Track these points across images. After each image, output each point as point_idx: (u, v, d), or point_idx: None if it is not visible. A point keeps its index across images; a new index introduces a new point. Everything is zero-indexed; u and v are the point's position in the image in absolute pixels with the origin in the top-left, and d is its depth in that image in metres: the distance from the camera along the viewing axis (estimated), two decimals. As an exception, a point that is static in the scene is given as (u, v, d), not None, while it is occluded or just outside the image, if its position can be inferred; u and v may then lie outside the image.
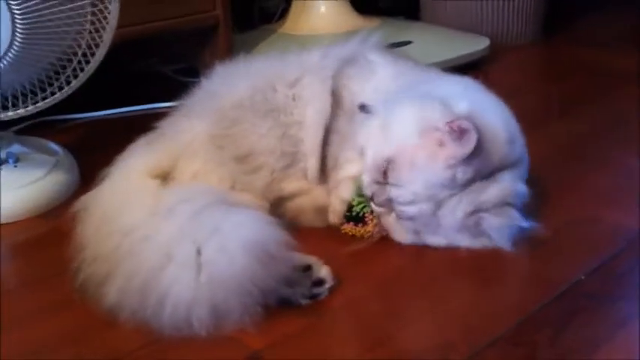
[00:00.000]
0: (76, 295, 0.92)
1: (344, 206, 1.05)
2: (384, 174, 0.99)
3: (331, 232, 1.06)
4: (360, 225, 1.04)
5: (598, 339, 0.80)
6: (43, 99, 1.14)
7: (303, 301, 0.90)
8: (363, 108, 1.06)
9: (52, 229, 1.14)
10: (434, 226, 0.98)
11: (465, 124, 0.93)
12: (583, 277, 0.91)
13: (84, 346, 0.86)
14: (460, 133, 0.94)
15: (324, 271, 0.93)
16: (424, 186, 0.96)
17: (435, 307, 0.90)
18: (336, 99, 1.11)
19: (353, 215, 1.04)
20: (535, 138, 1.08)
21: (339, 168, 1.08)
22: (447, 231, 0.99)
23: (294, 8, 2.03)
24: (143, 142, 1.13)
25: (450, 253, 0.99)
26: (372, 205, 1.02)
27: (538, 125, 1.42)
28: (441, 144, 0.95)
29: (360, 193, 1.03)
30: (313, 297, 0.91)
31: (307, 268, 0.92)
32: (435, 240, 1.00)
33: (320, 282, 0.92)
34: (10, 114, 1.13)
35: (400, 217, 1.00)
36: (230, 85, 1.13)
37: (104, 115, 1.65)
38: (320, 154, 1.09)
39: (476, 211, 0.97)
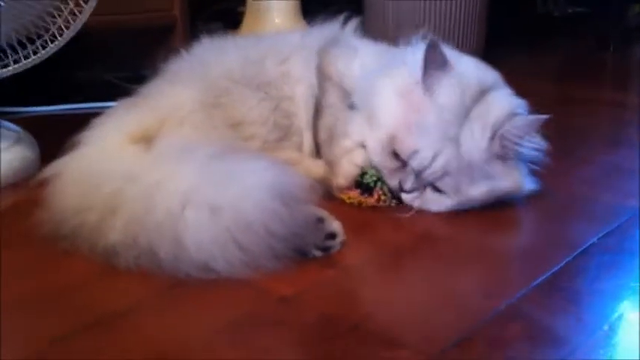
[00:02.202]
0: (59, 248, 0.85)
1: (358, 170, 1.04)
2: (395, 156, 1.00)
3: (326, 204, 1.03)
4: (366, 195, 1.03)
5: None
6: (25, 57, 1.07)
7: (316, 253, 0.87)
8: (351, 106, 1.08)
9: (23, 198, 1.05)
10: (468, 170, 0.97)
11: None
12: (596, 241, 0.94)
13: (84, 298, 0.78)
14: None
15: (335, 225, 0.91)
16: (429, 133, 0.97)
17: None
18: (323, 75, 1.11)
19: (364, 182, 1.03)
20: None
21: (337, 138, 1.07)
22: (481, 169, 0.97)
23: (247, 21, 2.03)
24: (122, 105, 1.07)
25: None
26: (404, 195, 1.01)
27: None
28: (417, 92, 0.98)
29: (373, 166, 1.04)
30: (325, 249, 0.88)
31: (320, 221, 0.89)
32: (477, 190, 0.98)
33: (332, 235, 0.89)
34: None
35: (435, 179, 0.99)
36: (220, 55, 1.11)
37: (45, 111, 1.57)
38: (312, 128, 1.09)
39: (495, 133, 0.97)
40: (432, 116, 0.97)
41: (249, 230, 0.81)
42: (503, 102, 1.00)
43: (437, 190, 1.00)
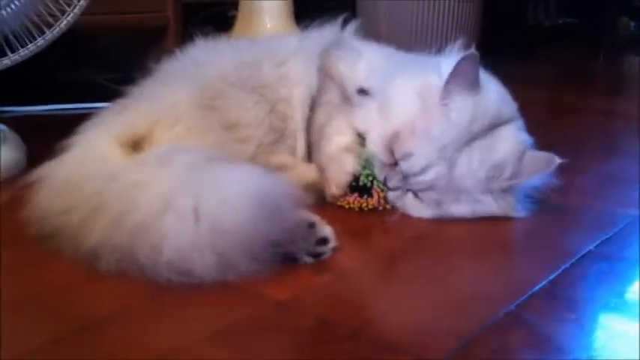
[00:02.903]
0: (44, 249, 0.83)
1: (349, 177, 1.02)
2: (392, 152, 0.98)
3: (321, 209, 1.01)
4: (365, 197, 1.01)
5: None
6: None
7: (307, 259, 0.85)
8: (362, 92, 1.05)
9: (8, 199, 1.02)
10: (455, 191, 0.96)
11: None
12: (593, 248, 0.93)
13: (69, 302, 0.76)
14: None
15: (327, 230, 0.88)
16: (429, 143, 0.95)
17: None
18: (325, 75, 1.09)
19: (360, 186, 1.01)
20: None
21: (326, 139, 1.05)
22: (471, 194, 0.96)
23: (239, 25, 2.01)
24: (113, 108, 1.05)
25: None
26: (388, 193, 1.00)
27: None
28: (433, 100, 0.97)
29: (364, 165, 1.01)
30: (317, 255, 0.86)
31: (311, 226, 0.87)
32: (460, 209, 0.98)
33: (323, 240, 0.87)
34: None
35: (419, 189, 0.98)
36: (215, 56, 1.09)
37: (33, 111, 1.54)
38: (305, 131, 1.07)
39: (496, 173, 0.96)
40: (438, 128, 0.96)
41: (227, 237, 0.78)
42: (512, 141, 0.98)
43: (418, 197, 0.99)
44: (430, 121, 0.96)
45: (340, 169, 1.02)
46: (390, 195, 1.01)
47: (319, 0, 2.49)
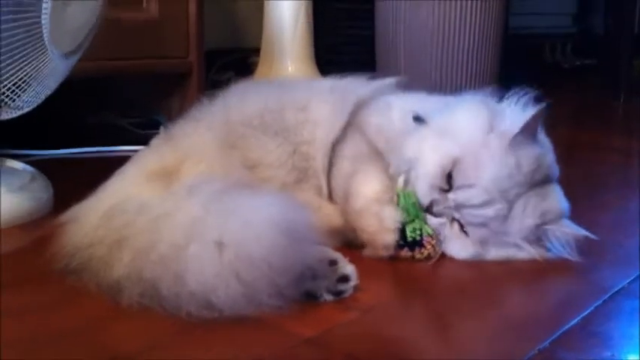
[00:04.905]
0: (67, 285, 0.83)
1: (394, 236, 0.96)
2: (448, 178, 0.96)
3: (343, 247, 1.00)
4: (417, 249, 0.96)
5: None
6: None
7: (327, 297, 0.84)
8: (417, 119, 1.04)
9: (37, 238, 1.02)
10: (503, 233, 0.95)
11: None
12: (626, 285, 0.92)
13: (94, 339, 0.75)
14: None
15: (349, 268, 0.87)
16: (494, 180, 0.94)
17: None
18: (354, 128, 1.08)
19: (409, 242, 0.96)
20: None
21: (354, 192, 1.01)
22: (513, 239, 0.95)
23: (260, 70, 2.04)
24: (144, 150, 1.08)
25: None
26: (429, 216, 0.97)
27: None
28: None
29: (406, 210, 0.96)
30: (338, 293, 0.85)
31: (333, 263, 0.86)
32: (498, 252, 0.97)
33: (345, 278, 0.86)
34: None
35: (472, 223, 0.95)
36: (241, 101, 1.11)
37: (59, 154, 1.56)
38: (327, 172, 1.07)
39: (542, 222, 0.96)
40: (506, 170, 0.94)
41: (251, 264, 0.77)
42: (562, 200, 0.99)
43: (464, 231, 0.97)
44: (497, 161, 0.95)
45: (382, 228, 0.96)
46: (433, 222, 0.97)
47: (340, 44, 2.54)
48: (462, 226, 0.97)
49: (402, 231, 0.96)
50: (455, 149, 0.97)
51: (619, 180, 1.63)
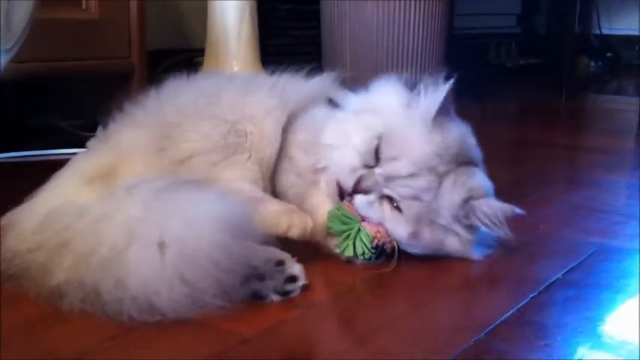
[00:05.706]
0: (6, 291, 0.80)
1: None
2: (376, 153, 0.96)
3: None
4: (383, 256, 0.96)
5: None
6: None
7: (275, 297, 0.83)
8: (330, 102, 1.05)
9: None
10: (434, 213, 0.94)
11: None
12: (561, 276, 0.94)
13: (29, 345, 0.73)
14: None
15: (297, 268, 0.86)
16: (420, 154, 0.94)
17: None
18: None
19: (376, 254, 0.95)
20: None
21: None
22: (445, 220, 0.94)
23: (206, 69, 2.02)
24: (81, 154, 1.05)
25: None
26: (357, 196, 0.95)
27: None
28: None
29: (346, 224, 0.95)
30: (285, 293, 0.84)
31: (280, 263, 0.86)
32: (431, 234, 0.94)
33: (293, 279, 0.86)
34: None
35: (404, 196, 0.94)
36: (175, 94, 1.09)
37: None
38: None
39: (469, 197, 0.95)
40: (432, 146, 0.95)
41: (195, 263, 0.76)
42: (486, 180, 1.00)
43: (397, 208, 0.95)
44: (422, 135, 0.95)
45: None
46: (360, 200, 0.96)
47: (286, 45, 2.54)
48: (393, 203, 0.95)
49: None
50: (379, 124, 0.98)
51: (561, 174, 1.67)
